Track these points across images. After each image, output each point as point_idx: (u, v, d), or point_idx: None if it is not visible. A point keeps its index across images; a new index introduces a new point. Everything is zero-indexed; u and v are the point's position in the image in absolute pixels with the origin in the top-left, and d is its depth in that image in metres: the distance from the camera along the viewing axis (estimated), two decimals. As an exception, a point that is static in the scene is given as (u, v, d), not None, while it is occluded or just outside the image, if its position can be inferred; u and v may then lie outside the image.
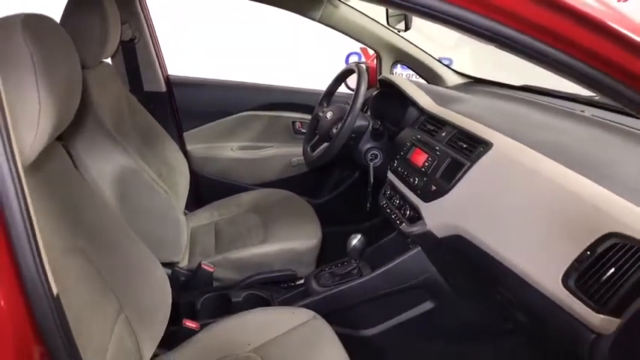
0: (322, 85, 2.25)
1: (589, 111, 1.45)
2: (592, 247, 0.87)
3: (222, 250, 1.67)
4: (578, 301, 0.87)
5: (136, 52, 1.87)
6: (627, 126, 1.27)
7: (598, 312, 0.84)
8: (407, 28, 1.77)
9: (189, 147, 2.11)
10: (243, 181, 2.19)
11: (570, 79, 0.68)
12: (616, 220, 0.86)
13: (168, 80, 2.02)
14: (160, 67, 1.97)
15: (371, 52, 3.69)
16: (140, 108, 1.74)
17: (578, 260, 0.88)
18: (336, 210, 2.12)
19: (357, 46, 3.81)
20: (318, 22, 1.92)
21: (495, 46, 0.68)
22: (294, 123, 2.20)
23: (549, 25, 0.63)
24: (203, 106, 2.12)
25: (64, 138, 1.26)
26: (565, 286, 0.89)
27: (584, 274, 0.87)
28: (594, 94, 1.48)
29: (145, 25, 1.86)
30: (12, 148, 0.52)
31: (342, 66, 3.93)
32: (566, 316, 0.90)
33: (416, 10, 0.65)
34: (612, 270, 0.83)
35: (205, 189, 2.12)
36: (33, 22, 0.76)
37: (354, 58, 3.92)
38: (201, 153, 2.14)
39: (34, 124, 0.72)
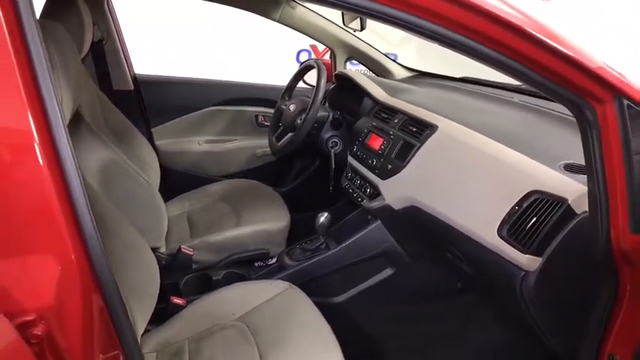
0: (276, 79, 2.41)
1: (517, 97, 1.69)
2: (519, 203, 1.09)
3: (199, 235, 1.79)
4: (510, 247, 1.09)
5: (104, 52, 1.94)
6: (547, 108, 1.51)
7: (525, 253, 1.06)
8: (362, 28, 1.94)
9: (157, 142, 2.20)
10: (211, 173, 2.30)
11: (490, 66, 0.87)
12: (537, 180, 1.08)
13: (135, 79, 2.10)
14: (128, 67, 2.06)
15: (320, 49, 3.87)
16: (111, 106, 1.82)
17: (509, 214, 1.10)
18: (301, 196, 2.27)
19: (306, 44, 3.94)
20: (277, 21, 2.07)
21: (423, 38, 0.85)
22: (256, 116, 2.33)
23: (463, 21, 0.77)
24: (169, 102, 2.22)
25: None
26: (500, 236, 1.11)
27: (513, 225, 1.09)
28: (520, 83, 1.73)
29: (113, 26, 1.94)
30: (63, 119, 0.64)
31: (293, 62, 4.06)
32: (501, 260, 1.12)
33: (348, 8, 0.76)
34: (534, 219, 1.05)
35: (174, 182, 2.21)
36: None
37: (304, 55, 4.04)
38: (170, 147, 2.23)
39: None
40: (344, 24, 2.00)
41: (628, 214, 0.88)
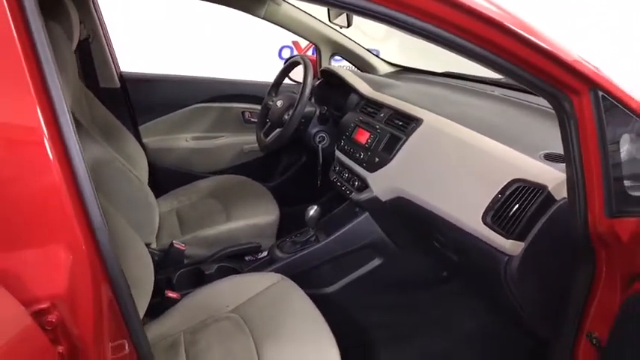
0: (258, 76, 2.43)
1: (498, 91, 1.76)
2: (502, 191, 1.14)
3: (189, 231, 1.81)
4: (494, 233, 1.14)
5: (90, 50, 1.94)
6: (526, 101, 1.58)
7: (508, 238, 1.12)
8: (349, 25, 1.98)
9: (145, 140, 2.21)
10: (199, 169, 2.31)
11: (475, 60, 0.91)
12: (518, 169, 1.14)
13: (122, 77, 2.11)
14: (114, 65, 2.06)
15: (303, 45, 3.89)
16: (98, 103, 1.82)
17: (493, 202, 1.16)
18: (289, 191, 2.30)
19: (289, 40, 3.96)
20: (262, 18, 2.09)
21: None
22: (243, 113, 2.35)
23: (449, 18, 0.81)
24: (156, 100, 2.22)
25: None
26: (484, 223, 1.16)
27: (497, 212, 1.15)
28: (501, 77, 1.80)
29: (99, 24, 1.94)
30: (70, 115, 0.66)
31: (275, 59, 4.07)
32: (485, 246, 1.18)
33: (334, 5, 0.80)
34: (517, 206, 1.11)
35: (162, 179, 2.22)
36: None
37: (286, 51, 4.06)
38: (157, 145, 2.24)
39: None
40: (329, 20, 2.03)
41: (604, 199, 0.94)
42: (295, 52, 3.96)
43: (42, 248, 0.63)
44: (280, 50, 4.04)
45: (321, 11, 2.14)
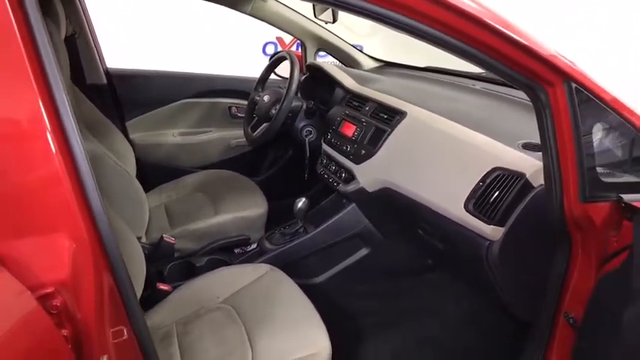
0: (243, 72, 2.45)
1: (479, 84, 1.81)
2: (483, 179, 1.20)
3: (178, 225, 1.83)
4: (476, 219, 1.20)
5: (77, 46, 1.94)
6: (505, 94, 1.64)
7: (489, 224, 1.17)
8: (334, 20, 2.01)
9: (132, 135, 2.22)
10: (186, 164, 2.33)
11: (457, 55, 0.96)
12: (498, 158, 1.20)
13: (108, 72, 2.11)
14: (100, 60, 2.06)
15: (287, 41, 3.91)
16: (84, 99, 1.82)
17: (474, 190, 1.21)
18: (276, 185, 2.33)
19: (273, 36, 3.97)
20: (249, 14, 2.11)
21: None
22: (230, 108, 2.37)
23: (435, 15, 0.86)
24: (142, 95, 2.23)
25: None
26: (466, 210, 1.22)
27: (478, 199, 1.20)
28: (481, 71, 1.86)
29: (85, 19, 1.94)
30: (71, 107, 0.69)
31: (259, 54, 4.07)
32: (468, 232, 1.23)
33: (320, 1, 0.85)
34: (497, 193, 1.17)
35: (150, 174, 2.22)
36: None
37: (270, 47, 4.08)
38: (144, 140, 2.25)
39: None
40: (315, 16, 2.06)
41: (578, 185, 1.00)
42: (279, 48, 3.98)
43: (46, 236, 0.66)
44: (264, 46, 4.04)
45: (306, 7, 2.17)
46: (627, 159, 1.05)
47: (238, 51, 3.68)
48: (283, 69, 2.06)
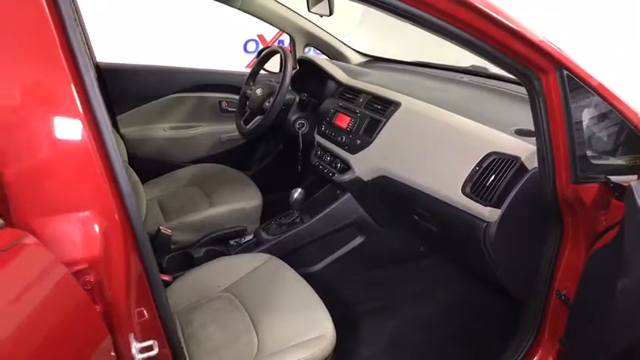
0: (224, 68, 2.45)
1: (467, 77, 1.88)
2: (479, 163, 1.25)
3: (174, 218, 1.84)
4: (473, 202, 1.25)
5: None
6: (493, 86, 1.70)
7: (486, 206, 1.23)
8: (331, 13, 2.00)
9: (122, 130, 2.21)
10: (177, 159, 2.33)
11: (455, 42, 0.99)
12: (494, 143, 1.26)
13: (98, 67, 2.09)
14: (90, 55, 2.04)
15: (268, 38, 3.92)
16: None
17: (471, 174, 1.27)
18: (268, 178, 2.35)
19: (254, 34, 3.98)
20: (238, 9, 2.12)
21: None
22: (220, 102, 2.38)
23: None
24: (132, 90, 2.21)
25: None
26: (464, 194, 1.27)
27: (475, 183, 1.26)
28: (468, 66, 1.93)
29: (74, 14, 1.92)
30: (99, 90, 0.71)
31: (240, 52, 4.06)
32: (466, 215, 1.29)
33: None
34: (493, 176, 1.22)
35: (141, 169, 2.21)
36: None
37: (252, 45, 4.08)
38: (135, 135, 2.24)
39: None
40: (308, 9, 2.08)
41: (569, 167, 1.06)
42: (261, 46, 3.98)
43: (79, 214, 0.68)
44: (246, 44, 4.04)
45: (295, 3, 2.19)
46: (614, 143, 1.12)
47: (220, 48, 3.67)
48: (270, 64, 2.09)
